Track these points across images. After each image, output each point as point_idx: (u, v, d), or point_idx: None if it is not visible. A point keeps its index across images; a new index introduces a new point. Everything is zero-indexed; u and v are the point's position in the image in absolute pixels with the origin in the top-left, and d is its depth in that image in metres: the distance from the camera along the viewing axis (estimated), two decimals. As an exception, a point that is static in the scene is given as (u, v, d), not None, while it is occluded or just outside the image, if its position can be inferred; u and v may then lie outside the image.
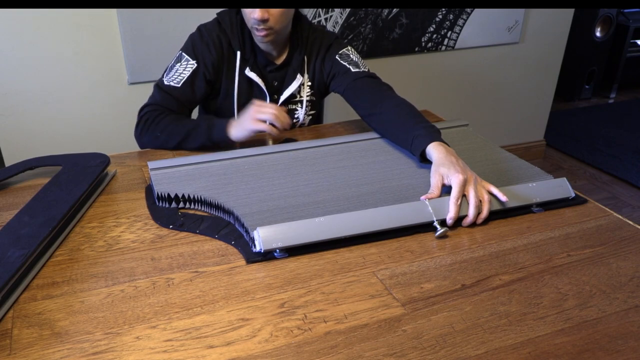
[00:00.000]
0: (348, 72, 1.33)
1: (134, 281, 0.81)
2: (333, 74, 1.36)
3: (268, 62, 1.33)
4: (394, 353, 0.68)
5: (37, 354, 0.68)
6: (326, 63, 1.37)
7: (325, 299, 0.77)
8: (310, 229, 0.88)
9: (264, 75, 1.33)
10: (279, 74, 1.35)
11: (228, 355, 0.68)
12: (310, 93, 1.39)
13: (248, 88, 1.34)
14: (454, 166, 0.97)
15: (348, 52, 1.36)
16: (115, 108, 1.97)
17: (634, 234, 0.94)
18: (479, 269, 0.84)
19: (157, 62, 1.90)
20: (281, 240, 0.86)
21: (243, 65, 1.31)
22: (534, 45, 2.59)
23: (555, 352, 0.68)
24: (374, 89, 1.29)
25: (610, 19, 3.48)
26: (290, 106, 1.38)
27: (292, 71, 1.35)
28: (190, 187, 1.02)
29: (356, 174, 1.08)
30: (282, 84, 1.36)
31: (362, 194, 1.00)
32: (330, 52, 1.36)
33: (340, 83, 1.34)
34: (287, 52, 1.34)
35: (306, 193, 1.01)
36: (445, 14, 2.35)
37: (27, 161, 1.15)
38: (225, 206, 0.97)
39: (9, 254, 0.80)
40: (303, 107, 1.39)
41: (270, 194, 1.00)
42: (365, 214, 0.92)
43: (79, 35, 1.82)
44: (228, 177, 1.06)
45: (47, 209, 0.94)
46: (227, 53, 1.30)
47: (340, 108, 1.80)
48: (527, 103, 2.76)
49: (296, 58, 1.34)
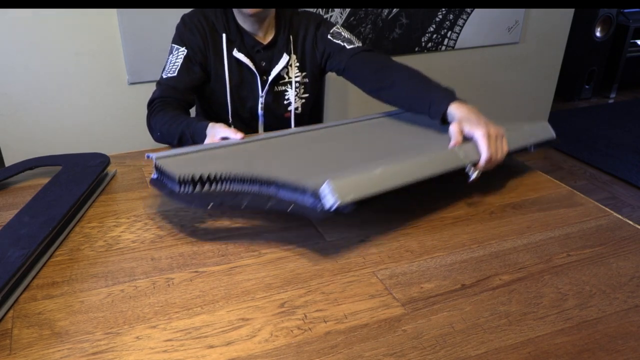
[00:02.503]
0: (343, 49, 1.33)
1: (134, 281, 0.81)
2: (328, 53, 1.36)
3: (255, 43, 1.34)
4: (394, 353, 0.68)
5: (37, 354, 0.68)
6: (319, 44, 1.37)
7: (325, 299, 0.77)
8: (375, 180, 0.84)
9: (251, 56, 1.34)
10: (266, 54, 1.36)
11: (228, 355, 0.68)
12: (300, 75, 1.39)
13: (238, 69, 1.35)
14: (478, 120, 1.00)
15: (339, 30, 1.38)
16: (115, 108, 1.97)
17: (634, 234, 0.94)
18: (479, 269, 0.84)
19: (157, 62, 1.90)
20: (353, 192, 0.80)
21: (230, 47, 1.32)
22: (534, 45, 2.59)
23: (555, 352, 0.68)
24: (376, 62, 1.27)
25: (610, 19, 3.48)
26: (280, 87, 1.39)
27: (278, 51, 1.36)
28: (210, 168, 0.93)
29: (381, 145, 1.05)
30: (270, 64, 1.37)
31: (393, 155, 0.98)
32: (321, 32, 1.37)
33: (337, 62, 1.34)
34: (273, 32, 1.36)
35: (336, 162, 0.96)
36: (445, 14, 2.35)
37: (27, 161, 1.15)
38: (264, 178, 0.88)
39: (9, 254, 0.80)
40: (292, 89, 1.39)
41: (300, 167, 0.94)
42: (413, 163, 0.90)
43: (79, 35, 1.82)
44: (247, 158, 1.00)
45: (47, 209, 0.94)
46: (212, 36, 1.32)
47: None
48: (527, 103, 2.76)
49: (281, 37, 1.35)
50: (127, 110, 1.98)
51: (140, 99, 1.96)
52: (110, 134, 1.99)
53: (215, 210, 0.88)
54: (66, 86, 1.88)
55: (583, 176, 2.79)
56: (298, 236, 0.93)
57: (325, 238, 0.92)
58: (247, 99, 1.38)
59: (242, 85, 1.36)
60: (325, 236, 0.93)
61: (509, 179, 1.13)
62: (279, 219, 0.98)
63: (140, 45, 1.89)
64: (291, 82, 1.39)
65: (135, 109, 1.98)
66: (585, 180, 2.76)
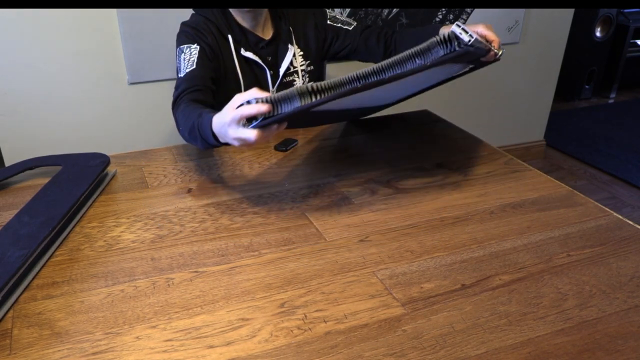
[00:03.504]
0: (348, 32, 1.43)
1: (134, 281, 0.81)
2: (331, 38, 1.43)
3: (258, 39, 1.36)
4: (394, 353, 0.68)
5: (37, 354, 0.68)
6: (320, 31, 1.42)
7: (325, 299, 0.77)
8: None
9: (257, 53, 1.36)
10: (270, 49, 1.37)
11: (228, 355, 0.68)
12: (305, 63, 1.42)
13: (248, 68, 1.36)
14: (475, 24, 1.08)
15: (334, 14, 1.44)
16: (115, 108, 1.97)
17: (634, 234, 0.94)
18: (479, 269, 0.84)
19: (157, 62, 1.90)
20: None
21: (237, 47, 1.33)
22: (534, 45, 2.59)
23: (555, 352, 0.68)
24: (375, 35, 1.40)
25: (610, 19, 3.48)
26: (288, 78, 1.41)
27: (283, 43, 1.38)
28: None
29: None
30: (275, 58, 1.38)
31: None
32: (320, 20, 1.42)
33: (347, 44, 1.43)
34: (272, 26, 1.38)
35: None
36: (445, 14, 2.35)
37: (27, 161, 1.15)
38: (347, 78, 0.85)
39: (9, 254, 0.80)
40: (300, 78, 1.42)
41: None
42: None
43: (79, 35, 1.82)
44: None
45: (47, 209, 0.94)
46: (220, 39, 1.32)
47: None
48: (527, 103, 2.76)
49: (283, 30, 1.38)
50: (127, 110, 1.98)
51: (140, 99, 1.96)
52: (110, 134, 1.99)
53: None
54: (66, 86, 1.87)
55: (583, 176, 2.79)
56: (298, 236, 0.93)
57: (325, 238, 0.92)
58: None
59: (255, 82, 1.37)
60: (325, 236, 0.93)
61: (508, 179, 1.13)
62: (279, 219, 0.98)
63: (140, 45, 1.89)
64: (297, 71, 1.41)
65: (135, 109, 1.98)
66: (585, 180, 2.75)
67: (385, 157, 1.23)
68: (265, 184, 1.11)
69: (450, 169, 1.17)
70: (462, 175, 1.14)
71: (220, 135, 0.95)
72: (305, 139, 1.33)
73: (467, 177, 1.14)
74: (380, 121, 1.45)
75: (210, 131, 0.97)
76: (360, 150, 1.28)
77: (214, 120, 0.96)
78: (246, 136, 0.88)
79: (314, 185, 1.11)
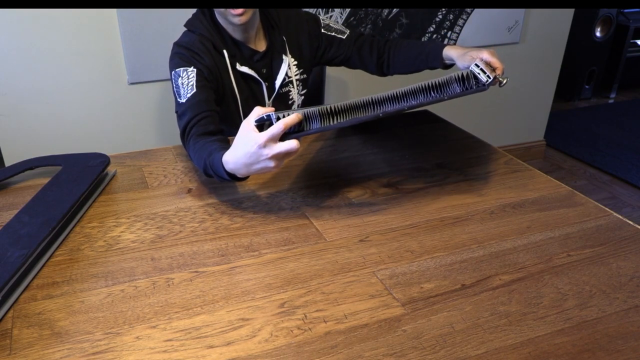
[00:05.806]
0: (341, 41, 1.41)
1: (134, 281, 0.81)
2: (324, 47, 1.42)
3: (252, 52, 1.33)
4: (394, 353, 0.68)
5: (37, 354, 0.68)
6: (313, 39, 1.40)
7: (325, 299, 0.77)
8: None
9: (252, 66, 1.34)
10: (265, 61, 1.36)
11: (228, 355, 0.68)
12: (298, 72, 1.41)
13: (244, 83, 1.34)
14: (476, 49, 1.12)
15: (327, 22, 1.43)
16: (115, 108, 1.97)
17: (634, 234, 0.94)
18: (479, 269, 0.84)
19: (157, 62, 1.90)
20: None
21: (233, 62, 1.31)
22: (534, 45, 2.59)
23: (555, 352, 0.68)
24: (369, 43, 1.40)
25: (610, 19, 3.48)
26: (284, 89, 1.39)
27: (277, 54, 1.36)
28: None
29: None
30: (270, 70, 1.37)
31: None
32: (314, 29, 1.40)
33: (341, 52, 1.41)
34: (265, 37, 1.35)
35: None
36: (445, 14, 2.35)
37: (27, 161, 1.15)
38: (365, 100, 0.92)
39: (9, 254, 0.80)
40: (295, 87, 1.41)
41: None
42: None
43: (79, 35, 1.82)
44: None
45: (47, 209, 0.94)
46: (216, 56, 1.29)
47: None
48: (527, 103, 2.76)
49: (276, 40, 1.35)
50: (127, 110, 1.98)
51: (140, 99, 1.96)
52: (110, 134, 1.99)
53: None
54: (66, 86, 1.87)
55: (583, 176, 2.79)
56: (298, 236, 0.93)
57: (325, 238, 0.92)
58: None
59: (251, 96, 1.35)
60: (325, 236, 0.93)
61: (508, 179, 1.13)
62: (279, 219, 0.98)
63: (140, 45, 1.89)
64: (292, 81, 1.39)
65: (135, 109, 1.98)
66: (585, 180, 2.75)
67: (385, 157, 1.23)
68: (265, 184, 1.11)
69: (450, 169, 1.17)
70: (462, 175, 1.14)
71: (245, 167, 0.91)
72: (305, 139, 1.33)
73: (467, 177, 1.14)
74: (380, 121, 1.45)
75: (223, 169, 0.95)
76: (360, 150, 1.28)
77: (228, 159, 0.93)
78: (289, 147, 0.86)
79: (314, 185, 1.11)
